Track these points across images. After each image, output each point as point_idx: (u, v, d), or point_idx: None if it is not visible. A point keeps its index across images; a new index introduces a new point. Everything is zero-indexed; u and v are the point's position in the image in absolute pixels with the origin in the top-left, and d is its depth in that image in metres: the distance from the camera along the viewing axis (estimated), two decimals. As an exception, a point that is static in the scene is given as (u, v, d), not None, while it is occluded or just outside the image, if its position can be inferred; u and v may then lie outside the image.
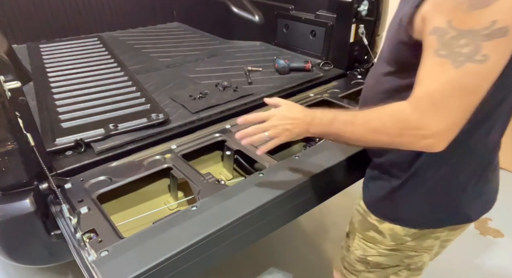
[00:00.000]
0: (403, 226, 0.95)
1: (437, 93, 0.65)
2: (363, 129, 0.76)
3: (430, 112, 0.66)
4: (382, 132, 0.73)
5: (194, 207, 0.94)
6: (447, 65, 0.63)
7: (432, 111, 0.66)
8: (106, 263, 0.79)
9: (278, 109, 0.91)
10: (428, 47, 0.66)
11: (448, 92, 0.64)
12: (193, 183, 1.06)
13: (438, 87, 0.65)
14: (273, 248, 2.12)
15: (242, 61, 2.01)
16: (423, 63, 0.68)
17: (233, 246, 0.96)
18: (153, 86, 1.73)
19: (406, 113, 0.69)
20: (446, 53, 0.63)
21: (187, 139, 1.30)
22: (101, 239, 0.86)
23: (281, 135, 0.89)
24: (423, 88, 0.67)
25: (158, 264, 0.79)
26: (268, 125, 0.89)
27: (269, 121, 0.90)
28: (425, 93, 0.66)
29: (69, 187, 1.06)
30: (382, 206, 0.98)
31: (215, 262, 0.94)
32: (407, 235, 0.96)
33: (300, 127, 0.87)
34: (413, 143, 0.70)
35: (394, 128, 0.71)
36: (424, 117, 0.66)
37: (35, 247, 1.04)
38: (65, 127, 1.32)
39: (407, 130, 0.69)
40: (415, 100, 0.68)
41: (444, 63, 0.63)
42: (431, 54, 0.65)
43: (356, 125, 0.77)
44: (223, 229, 0.88)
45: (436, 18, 0.65)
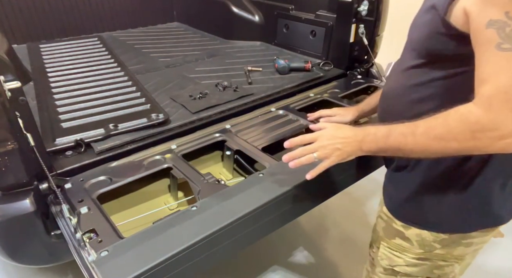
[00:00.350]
0: (432, 231, 0.90)
1: (510, 88, 0.60)
2: (426, 138, 0.70)
3: (505, 110, 0.60)
4: (451, 138, 0.67)
5: (194, 207, 0.94)
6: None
7: (506, 108, 0.60)
8: (106, 263, 0.79)
9: (326, 130, 0.87)
10: (487, 41, 0.63)
11: None
12: (193, 183, 1.06)
13: (510, 82, 0.60)
14: (273, 248, 2.12)
15: (242, 61, 2.01)
16: (484, 59, 0.64)
17: (233, 246, 0.96)
18: (153, 86, 1.73)
19: (476, 114, 0.63)
20: (511, 46, 0.60)
21: (187, 139, 1.30)
22: (101, 239, 0.86)
23: (331, 156, 0.84)
24: (491, 85, 0.62)
25: (158, 264, 0.79)
26: (316, 146, 0.85)
27: (317, 142, 0.85)
28: (495, 91, 0.61)
29: (69, 187, 1.06)
30: (407, 210, 0.94)
31: (215, 262, 0.94)
32: (436, 241, 0.91)
33: (352, 145, 0.82)
34: (489, 146, 0.64)
35: (465, 133, 0.65)
36: (499, 116, 0.61)
37: (35, 247, 1.04)
38: (65, 127, 1.32)
39: (481, 133, 0.63)
40: (485, 99, 0.62)
41: (510, 56, 0.60)
42: (492, 49, 0.62)
43: (418, 135, 0.71)
44: (223, 229, 0.88)
45: (489, 10, 0.62)
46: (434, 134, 0.68)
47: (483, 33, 0.63)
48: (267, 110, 1.51)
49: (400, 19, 2.36)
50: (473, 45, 0.67)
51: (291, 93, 1.64)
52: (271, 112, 1.50)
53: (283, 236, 2.20)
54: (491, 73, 0.62)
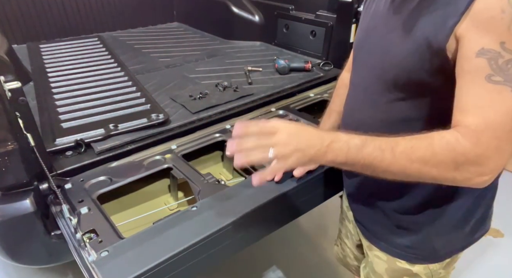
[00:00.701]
0: (440, 261, 0.89)
1: (500, 125, 0.57)
2: (406, 158, 0.63)
3: (492, 148, 0.58)
4: (433, 164, 0.62)
5: (194, 207, 0.94)
6: (506, 92, 0.56)
7: (494, 146, 0.58)
8: (106, 263, 0.79)
9: (288, 124, 0.69)
10: (475, 71, 0.59)
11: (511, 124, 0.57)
12: (193, 183, 1.06)
13: (500, 118, 0.57)
14: (273, 248, 2.12)
15: (242, 61, 2.01)
16: (470, 89, 0.60)
17: (233, 246, 0.96)
18: (153, 86, 1.73)
19: (464, 146, 0.59)
20: (503, 79, 0.57)
21: (187, 139, 1.30)
22: (101, 239, 0.86)
23: (290, 157, 0.66)
24: (480, 119, 0.58)
25: (158, 265, 0.79)
26: (274, 141, 0.66)
27: (276, 135, 0.67)
28: (485, 126, 0.58)
29: (69, 187, 1.06)
30: (411, 249, 0.89)
31: (215, 263, 0.94)
32: (441, 268, 0.91)
33: (315, 149, 0.66)
34: (467, 180, 0.62)
35: (449, 162, 0.61)
36: (486, 152, 0.58)
37: (35, 247, 1.04)
38: (65, 127, 1.32)
39: (464, 166, 0.60)
40: (473, 133, 0.59)
41: (502, 90, 0.57)
42: (482, 80, 0.58)
43: (398, 153, 0.63)
44: (223, 229, 0.88)
45: (483, 37, 0.58)
46: (416, 156, 0.63)
47: (471, 62, 0.59)
48: (267, 111, 1.51)
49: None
50: (457, 71, 0.62)
51: (291, 94, 1.64)
52: (271, 112, 1.50)
53: (283, 236, 2.20)
54: (479, 106, 0.59)
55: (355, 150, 0.66)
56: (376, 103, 0.80)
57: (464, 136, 0.60)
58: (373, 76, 0.80)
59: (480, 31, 0.58)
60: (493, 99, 0.58)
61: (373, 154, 0.65)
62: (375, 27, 0.80)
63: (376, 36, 0.79)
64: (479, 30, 0.58)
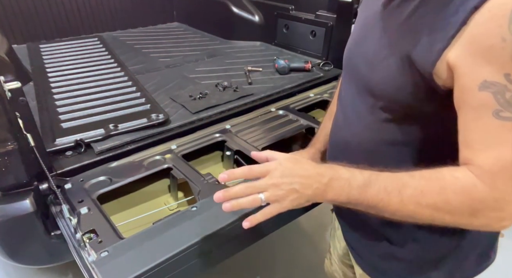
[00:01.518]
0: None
1: None
2: (416, 204, 0.58)
3: (510, 191, 0.53)
4: (446, 211, 0.57)
5: (194, 208, 0.94)
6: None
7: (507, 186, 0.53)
8: (106, 264, 0.79)
9: (279, 162, 0.64)
10: (481, 106, 0.53)
11: None
12: (193, 183, 1.06)
13: None
14: (273, 248, 2.12)
15: (242, 61, 2.01)
16: (478, 126, 0.55)
17: (233, 247, 0.96)
18: (153, 86, 1.73)
19: (482, 191, 0.54)
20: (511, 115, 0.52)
21: (187, 139, 1.30)
22: (101, 239, 0.86)
23: (284, 199, 0.61)
24: (494, 159, 0.54)
25: (158, 265, 0.79)
26: (266, 183, 0.62)
27: (267, 177, 0.62)
28: (500, 166, 0.53)
29: (69, 187, 1.06)
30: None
31: (215, 263, 0.94)
32: None
33: (313, 188, 0.61)
34: (486, 225, 0.57)
35: (464, 209, 0.56)
36: (505, 196, 0.54)
37: (35, 247, 1.04)
38: (65, 127, 1.32)
39: (482, 212, 0.56)
40: (488, 175, 0.54)
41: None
42: (489, 116, 0.53)
43: (406, 197, 0.58)
44: (223, 229, 0.88)
45: (484, 68, 0.52)
46: (427, 202, 0.57)
47: (475, 96, 0.54)
48: (267, 111, 1.51)
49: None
50: (458, 104, 0.57)
51: (291, 94, 1.64)
52: (271, 112, 1.50)
53: (283, 236, 2.20)
54: (491, 144, 0.54)
55: (357, 191, 0.61)
56: (361, 121, 0.74)
57: (480, 179, 0.55)
58: (359, 91, 0.74)
59: (479, 60, 0.53)
60: (505, 137, 0.52)
61: (378, 196, 0.60)
62: (365, 37, 0.74)
63: (365, 47, 0.73)
64: (478, 60, 0.53)
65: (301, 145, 1.46)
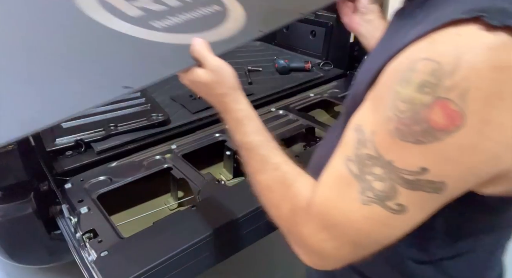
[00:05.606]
0: None
1: (339, 222, 0.47)
2: (260, 188, 0.61)
3: (321, 235, 0.49)
4: (272, 213, 0.60)
5: (194, 207, 0.94)
6: (353, 189, 0.45)
7: (324, 234, 0.49)
8: (106, 263, 0.79)
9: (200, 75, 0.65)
10: (345, 144, 0.48)
11: (343, 226, 0.47)
12: (193, 183, 1.06)
13: (335, 213, 0.47)
14: (273, 248, 2.12)
15: (242, 61, 2.01)
16: (334, 159, 0.50)
17: (233, 247, 0.96)
18: (153, 86, 1.72)
19: (301, 217, 0.52)
20: (356, 172, 0.46)
21: (187, 139, 1.30)
22: (101, 239, 0.86)
23: None
24: (324, 200, 0.49)
25: (158, 264, 0.79)
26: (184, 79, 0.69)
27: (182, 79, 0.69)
28: (322, 210, 0.49)
29: (69, 187, 1.06)
30: None
31: (215, 263, 0.94)
32: None
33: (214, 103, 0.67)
34: (298, 253, 0.56)
35: (284, 224, 0.57)
36: (318, 236, 0.49)
37: (35, 247, 1.04)
38: (65, 127, 1.32)
39: (296, 236, 0.54)
40: (314, 210, 0.50)
41: (351, 184, 0.46)
42: (342, 157, 0.48)
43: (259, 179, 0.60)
44: (223, 229, 0.88)
45: (367, 114, 0.46)
46: (265, 196, 0.60)
47: (349, 131, 0.48)
48: (267, 110, 1.51)
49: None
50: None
51: (291, 93, 1.64)
52: (271, 112, 1.50)
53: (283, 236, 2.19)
54: (329, 186, 0.49)
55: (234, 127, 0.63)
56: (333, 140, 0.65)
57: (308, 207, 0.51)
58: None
59: (369, 104, 0.47)
60: (339, 187, 0.48)
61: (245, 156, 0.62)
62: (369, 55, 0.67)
63: None
64: (369, 103, 0.47)
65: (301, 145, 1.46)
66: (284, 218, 0.56)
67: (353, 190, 0.45)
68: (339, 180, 0.48)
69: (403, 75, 0.41)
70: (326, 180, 0.50)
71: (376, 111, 0.45)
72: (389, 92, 0.42)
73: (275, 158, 0.59)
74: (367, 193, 0.44)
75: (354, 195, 0.45)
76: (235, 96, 0.64)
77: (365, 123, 0.46)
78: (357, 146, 0.46)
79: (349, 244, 0.48)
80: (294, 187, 0.55)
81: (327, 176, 0.50)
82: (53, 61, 0.60)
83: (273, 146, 0.61)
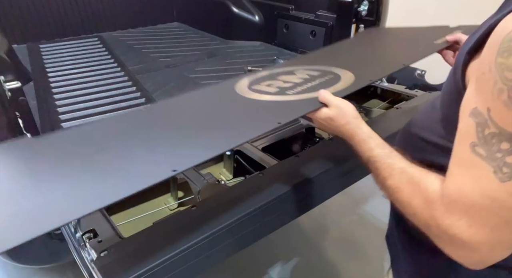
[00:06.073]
0: None
1: (475, 205, 0.49)
2: (391, 194, 0.64)
3: (464, 223, 0.50)
4: (408, 213, 0.60)
5: (194, 207, 0.94)
6: (487, 171, 0.47)
7: (467, 222, 0.50)
8: (106, 263, 0.79)
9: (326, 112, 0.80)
10: (466, 132, 0.51)
11: (488, 208, 0.48)
12: (193, 183, 1.06)
13: (476, 198, 0.49)
14: (273, 248, 2.12)
15: (242, 61, 2.01)
16: (458, 150, 0.53)
17: (233, 246, 0.96)
18: (153, 86, 1.73)
19: (437, 209, 0.53)
20: (485, 154, 0.48)
21: (187, 139, 1.30)
22: (101, 239, 0.86)
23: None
24: (458, 188, 0.51)
25: (158, 264, 0.79)
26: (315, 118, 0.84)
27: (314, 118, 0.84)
28: (459, 197, 0.51)
29: (69, 187, 1.06)
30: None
31: (215, 262, 0.94)
32: None
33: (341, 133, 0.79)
34: (442, 246, 0.55)
35: (421, 220, 0.57)
36: (456, 226, 0.51)
37: (35, 247, 1.04)
38: (65, 127, 1.32)
39: (436, 230, 0.54)
40: (448, 200, 0.52)
41: (483, 167, 0.48)
42: (467, 146, 0.50)
43: (387, 186, 0.64)
44: (223, 229, 0.88)
45: (478, 95, 0.49)
46: (397, 198, 0.62)
47: (465, 119, 0.52)
48: (267, 110, 1.50)
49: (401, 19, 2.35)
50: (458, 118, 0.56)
51: (291, 93, 1.64)
52: (271, 112, 1.50)
53: (283, 236, 2.19)
54: (460, 174, 0.52)
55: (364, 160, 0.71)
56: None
57: (442, 198, 0.54)
58: None
59: (475, 85, 0.50)
60: (473, 173, 0.50)
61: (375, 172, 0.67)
62: None
63: None
64: (476, 84, 0.50)
65: (301, 144, 1.46)
66: (419, 214, 0.57)
67: (487, 172, 0.48)
68: (469, 166, 0.50)
69: (502, 46, 0.45)
70: (456, 170, 0.53)
71: (482, 90, 0.48)
72: (492, 65, 0.46)
73: (400, 163, 0.64)
74: (503, 170, 0.46)
75: (489, 176, 0.47)
76: (357, 123, 0.76)
77: (477, 105, 0.49)
78: (478, 129, 0.49)
79: (500, 226, 0.48)
80: (422, 183, 0.58)
81: (456, 166, 0.53)
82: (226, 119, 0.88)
83: (396, 154, 0.67)
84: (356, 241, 2.19)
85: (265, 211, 0.97)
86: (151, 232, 0.87)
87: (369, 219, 2.35)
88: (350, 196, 2.50)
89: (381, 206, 2.45)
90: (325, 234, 2.27)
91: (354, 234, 2.24)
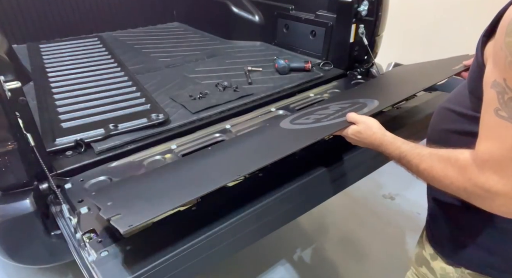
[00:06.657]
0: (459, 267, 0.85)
1: (504, 158, 0.60)
2: (427, 176, 0.74)
3: (496, 176, 0.61)
4: (447, 185, 0.70)
5: (194, 207, 0.94)
6: (511, 129, 0.59)
7: (499, 175, 0.61)
8: (106, 263, 0.79)
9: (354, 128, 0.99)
10: (489, 101, 0.63)
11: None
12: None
13: (504, 152, 0.60)
14: (273, 248, 2.12)
15: (242, 61, 2.01)
16: (484, 118, 0.65)
17: (233, 246, 0.96)
18: (153, 86, 1.73)
19: (471, 172, 0.64)
20: (508, 115, 0.59)
21: (187, 139, 1.30)
22: (101, 239, 0.86)
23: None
24: (486, 149, 0.63)
25: (158, 265, 0.79)
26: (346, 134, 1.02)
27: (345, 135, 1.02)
28: (489, 156, 0.62)
29: (69, 187, 1.06)
30: (446, 243, 0.90)
31: (215, 262, 0.94)
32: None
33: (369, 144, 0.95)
34: (482, 204, 0.66)
35: (459, 185, 0.67)
36: (490, 179, 0.61)
37: (35, 247, 1.04)
38: (65, 127, 1.32)
39: (473, 189, 0.64)
40: (480, 161, 0.63)
41: (507, 126, 0.59)
42: (492, 112, 0.62)
43: (421, 170, 0.75)
44: (223, 229, 0.88)
45: (495, 69, 0.62)
46: (433, 175, 0.72)
47: (488, 91, 0.63)
48: (267, 110, 1.51)
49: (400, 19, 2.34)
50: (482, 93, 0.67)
51: (291, 93, 1.64)
52: (271, 112, 1.50)
53: (283, 236, 2.19)
54: (488, 137, 0.63)
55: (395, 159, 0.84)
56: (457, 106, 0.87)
57: (474, 162, 0.64)
58: None
59: (494, 61, 0.62)
60: (499, 133, 0.61)
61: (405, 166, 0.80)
62: None
63: None
64: (493, 61, 0.63)
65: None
66: (456, 182, 0.67)
67: (511, 129, 0.59)
68: (495, 128, 0.62)
69: (509, 28, 0.58)
70: (484, 135, 0.64)
71: (498, 65, 0.61)
72: (502, 44, 0.59)
73: (426, 150, 0.76)
74: None
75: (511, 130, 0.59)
76: (382, 132, 0.93)
77: (496, 77, 0.61)
78: (499, 96, 0.61)
79: None
80: (452, 156, 0.69)
81: (484, 132, 0.64)
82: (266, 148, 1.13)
83: (420, 145, 0.80)
84: (356, 241, 2.19)
85: (265, 211, 0.97)
86: (151, 232, 0.87)
87: (369, 219, 2.35)
88: (350, 196, 2.50)
89: (381, 206, 2.45)
90: (325, 234, 2.27)
91: (354, 234, 2.24)
